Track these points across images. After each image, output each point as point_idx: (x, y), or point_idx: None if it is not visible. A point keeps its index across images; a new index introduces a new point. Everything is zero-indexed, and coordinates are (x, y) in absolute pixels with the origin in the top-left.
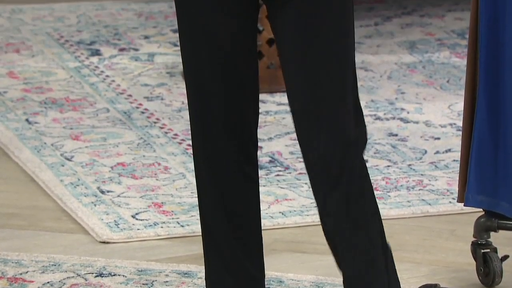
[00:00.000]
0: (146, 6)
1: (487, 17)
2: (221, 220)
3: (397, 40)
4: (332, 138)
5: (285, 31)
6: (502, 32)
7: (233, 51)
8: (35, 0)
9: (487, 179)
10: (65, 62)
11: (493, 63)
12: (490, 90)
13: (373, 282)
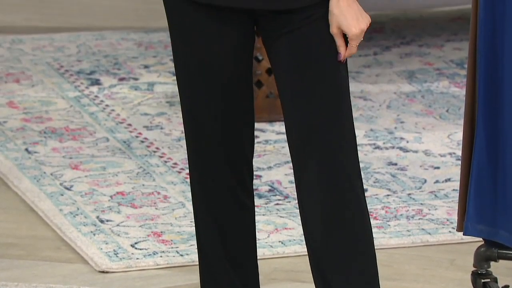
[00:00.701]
0: (146, 36)
1: (485, 48)
2: (217, 248)
3: (396, 70)
4: (326, 165)
5: (280, 61)
6: (501, 63)
7: (228, 81)
8: (35, 30)
9: (486, 208)
10: (65, 91)
11: (492, 93)
12: (489, 120)
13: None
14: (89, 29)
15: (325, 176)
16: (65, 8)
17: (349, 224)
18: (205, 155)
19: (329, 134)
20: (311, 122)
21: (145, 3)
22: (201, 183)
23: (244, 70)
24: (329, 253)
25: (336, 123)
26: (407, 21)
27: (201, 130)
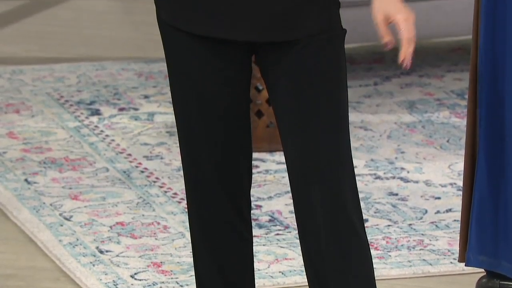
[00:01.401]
0: (146, 66)
1: (486, 79)
2: (215, 279)
3: (396, 100)
4: (325, 193)
5: (277, 92)
6: (501, 94)
7: (225, 113)
8: (35, 61)
9: (488, 239)
10: (64, 122)
11: (493, 124)
12: (490, 150)
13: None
14: (89, 60)
15: (325, 208)
16: (65, 39)
17: (349, 255)
18: (202, 187)
19: (328, 166)
20: (310, 156)
21: (145, 33)
22: (198, 214)
23: (241, 102)
24: (329, 283)
25: (335, 156)
26: None
27: (197, 162)
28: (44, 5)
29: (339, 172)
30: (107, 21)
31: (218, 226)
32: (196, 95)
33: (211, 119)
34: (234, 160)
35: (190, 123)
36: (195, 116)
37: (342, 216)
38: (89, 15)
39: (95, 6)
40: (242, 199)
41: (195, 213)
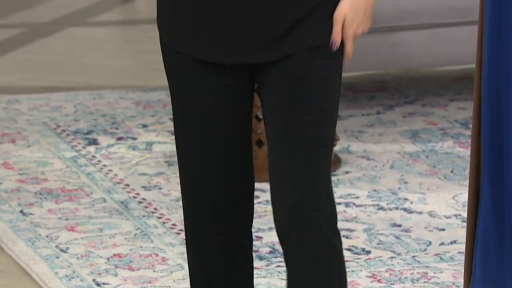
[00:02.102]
0: (144, 94)
1: (490, 108)
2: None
3: (399, 129)
4: (301, 194)
5: (266, 103)
6: (505, 123)
7: (226, 139)
8: (31, 90)
9: (493, 271)
10: (61, 152)
11: (497, 154)
12: (495, 181)
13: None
14: (86, 88)
15: (297, 211)
16: (62, 68)
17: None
18: (200, 219)
19: (303, 173)
20: (292, 165)
21: (144, 61)
22: (196, 248)
23: (242, 130)
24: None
25: (311, 165)
26: (410, 80)
27: (196, 192)
28: (41, 33)
29: (314, 179)
30: (104, 50)
31: (216, 260)
32: (196, 122)
33: (211, 147)
34: (234, 192)
35: (189, 151)
36: (194, 143)
37: (310, 220)
38: (87, 43)
39: (92, 34)
40: (243, 231)
41: (192, 246)
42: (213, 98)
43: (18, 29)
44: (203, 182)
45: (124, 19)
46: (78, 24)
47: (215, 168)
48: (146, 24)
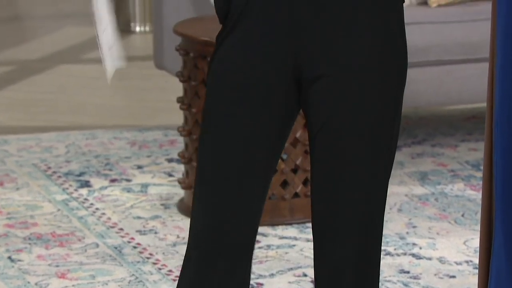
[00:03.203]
0: (140, 134)
1: (502, 149)
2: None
3: (407, 171)
4: (349, 250)
5: (314, 132)
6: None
7: (248, 170)
8: (21, 130)
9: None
10: (52, 194)
11: (510, 197)
12: (508, 226)
13: None
14: (79, 128)
15: (352, 270)
16: (53, 106)
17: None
18: (200, 252)
19: (357, 224)
20: (338, 210)
21: (139, 100)
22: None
23: (269, 163)
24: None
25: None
26: (419, 120)
27: (200, 221)
28: (31, 71)
29: (371, 232)
30: (98, 87)
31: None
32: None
33: (231, 181)
34: (238, 230)
35: (211, 176)
36: (218, 171)
37: (361, 265)
38: (79, 80)
39: (85, 71)
40: (241, 274)
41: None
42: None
43: (7, 67)
44: (209, 213)
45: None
46: (70, 61)
47: (225, 203)
48: (141, 61)
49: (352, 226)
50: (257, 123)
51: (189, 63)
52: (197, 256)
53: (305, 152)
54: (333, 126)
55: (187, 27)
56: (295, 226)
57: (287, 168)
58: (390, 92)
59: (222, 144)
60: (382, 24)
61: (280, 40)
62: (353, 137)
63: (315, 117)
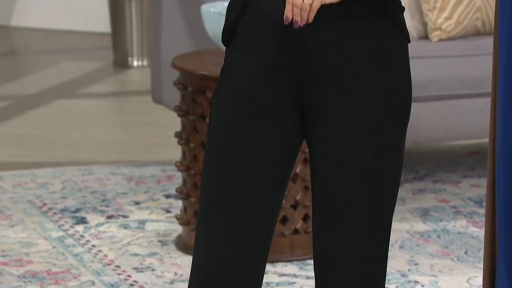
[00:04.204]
0: (137, 170)
1: (504, 186)
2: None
3: (409, 207)
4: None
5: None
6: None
7: (253, 214)
8: (16, 166)
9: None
10: (47, 231)
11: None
12: (511, 262)
13: None
14: (75, 164)
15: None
16: (49, 142)
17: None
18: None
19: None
20: (343, 245)
21: (136, 135)
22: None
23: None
24: None
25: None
26: (420, 155)
27: (203, 256)
28: (27, 106)
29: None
30: (94, 123)
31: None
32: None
33: (237, 221)
34: (242, 270)
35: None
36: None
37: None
38: (76, 116)
39: (81, 106)
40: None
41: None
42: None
43: (3, 102)
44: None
45: (115, 90)
46: (66, 96)
47: (227, 244)
48: (138, 95)
49: (355, 264)
50: (261, 154)
51: (187, 98)
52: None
53: (305, 188)
54: (336, 161)
55: (185, 61)
56: (295, 263)
57: (286, 204)
58: (394, 128)
59: (226, 183)
60: (387, 59)
61: (282, 73)
62: (356, 173)
63: (317, 150)
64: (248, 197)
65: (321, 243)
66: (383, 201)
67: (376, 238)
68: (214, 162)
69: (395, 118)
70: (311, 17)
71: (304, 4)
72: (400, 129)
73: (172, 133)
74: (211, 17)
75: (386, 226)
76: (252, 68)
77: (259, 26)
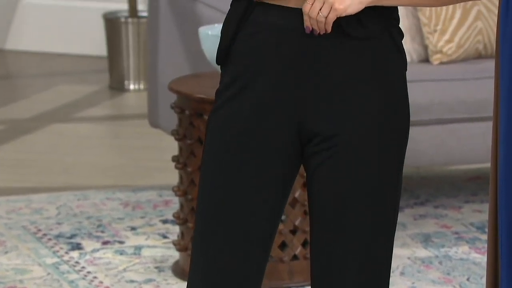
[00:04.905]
0: (133, 195)
1: (507, 211)
2: None
3: (410, 233)
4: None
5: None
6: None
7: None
8: (10, 191)
9: None
10: (42, 258)
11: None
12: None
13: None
14: (70, 189)
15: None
16: (44, 167)
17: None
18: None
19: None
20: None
21: (132, 159)
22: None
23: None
24: None
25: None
26: (421, 180)
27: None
28: (21, 130)
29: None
30: (90, 147)
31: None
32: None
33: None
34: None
35: (212, 241)
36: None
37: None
38: (71, 140)
39: (77, 130)
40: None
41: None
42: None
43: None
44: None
45: (111, 114)
46: (62, 120)
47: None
48: (135, 119)
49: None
50: (259, 179)
51: (185, 121)
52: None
53: (304, 213)
54: (334, 187)
55: (182, 84)
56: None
57: (285, 229)
58: (392, 154)
59: (223, 208)
60: (386, 83)
61: (282, 94)
62: (354, 199)
63: (315, 175)
64: (245, 221)
65: (318, 270)
66: (383, 227)
67: (377, 266)
68: (210, 187)
69: (394, 141)
70: (328, 28)
71: (319, 16)
72: (399, 152)
73: (169, 157)
74: (209, 40)
75: (387, 252)
76: (252, 89)
77: (258, 44)
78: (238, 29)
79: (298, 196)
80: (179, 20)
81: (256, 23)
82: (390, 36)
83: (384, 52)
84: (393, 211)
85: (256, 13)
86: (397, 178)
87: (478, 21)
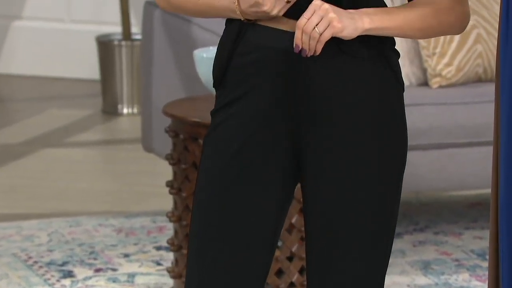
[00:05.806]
0: (127, 221)
1: (508, 238)
2: None
3: (409, 260)
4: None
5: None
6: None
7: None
8: (0, 217)
9: None
10: (32, 286)
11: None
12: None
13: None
14: (62, 215)
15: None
16: (35, 193)
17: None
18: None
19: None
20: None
21: (126, 184)
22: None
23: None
24: None
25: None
26: (420, 206)
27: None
28: (12, 155)
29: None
30: (82, 172)
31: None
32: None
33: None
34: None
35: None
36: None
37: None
38: (63, 165)
39: (69, 155)
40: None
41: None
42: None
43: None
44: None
45: (104, 138)
46: (54, 144)
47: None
48: (128, 143)
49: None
50: (256, 202)
51: (179, 145)
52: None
53: (301, 239)
54: (329, 208)
55: (176, 107)
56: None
57: (282, 255)
58: (389, 175)
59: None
60: (383, 106)
61: (277, 112)
62: (350, 217)
63: (310, 192)
64: (240, 244)
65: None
66: (378, 249)
67: (373, 279)
68: (205, 208)
69: (391, 165)
70: (318, 48)
71: (314, 32)
72: (396, 176)
73: (163, 182)
74: (204, 63)
75: (380, 274)
76: (248, 110)
77: (252, 64)
78: (233, 50)
79: (295, 221)
80: (173, 43)
81: (249, 43)
82: (385, 57)
83: (379, 72)
84: (386, 238)
85: (249, 34)
86: (395, 198)
87: (478, 44)
